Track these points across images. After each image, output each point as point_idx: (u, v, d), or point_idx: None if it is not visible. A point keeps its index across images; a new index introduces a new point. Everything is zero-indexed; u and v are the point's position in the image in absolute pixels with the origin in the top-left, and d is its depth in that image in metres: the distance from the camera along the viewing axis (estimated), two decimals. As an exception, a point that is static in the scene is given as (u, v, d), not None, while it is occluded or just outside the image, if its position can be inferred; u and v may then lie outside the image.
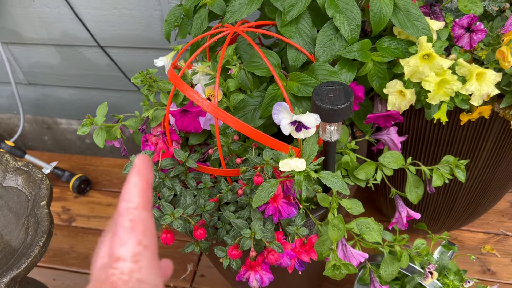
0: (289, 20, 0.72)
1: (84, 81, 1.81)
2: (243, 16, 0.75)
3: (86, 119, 0.83)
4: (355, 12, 0.70)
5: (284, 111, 0.60)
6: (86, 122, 0.82)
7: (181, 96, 0.83)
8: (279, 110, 0.61)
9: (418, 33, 0.71)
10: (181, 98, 0.83)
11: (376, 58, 0.72)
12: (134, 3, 1.48)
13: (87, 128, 0.82)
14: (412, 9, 0.71)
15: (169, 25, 0.93)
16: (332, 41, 0.72)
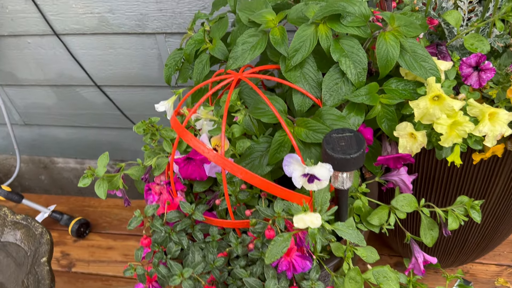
0: (294, 65, 0.70)
1: (80, 120, 1.79)
2: (246, 62, 0.73)
3: (87, 170, 0.81)
4: (361, 55, 0.69)
5: (295, 163, 0.58)
6: (87, 173, 0.79)
7: (184, 143, 0.81)
8: (290, 162, 0.58)
9: (426, 74, 0.69)
10: (184, 145, 0.81)
11: (384, 100, 0.70)
12: (130, 43, 1.47)
13: (88, 180, 0.79)
14: (419, 50, 0.69)
15: (169, 69, 0.92)
16: (338, 85, 0.70)
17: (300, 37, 0.70)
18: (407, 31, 0.69)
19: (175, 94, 0.92)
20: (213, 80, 0.75)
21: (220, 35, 0.85)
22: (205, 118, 0.79)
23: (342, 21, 0.69)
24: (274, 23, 0.73)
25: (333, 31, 0.69)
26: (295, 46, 0.70)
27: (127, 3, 1.36)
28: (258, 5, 0.78)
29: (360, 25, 0.68)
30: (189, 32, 0.92)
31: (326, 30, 0.69)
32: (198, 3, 1.32)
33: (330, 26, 0.69)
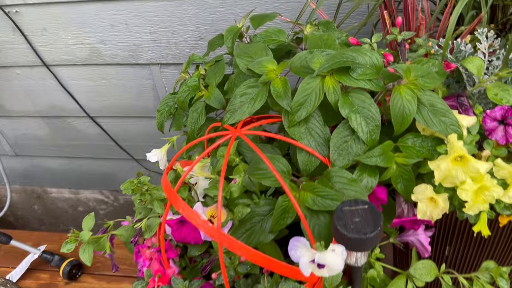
0: (298, 121, 0.63)
1: (74, 151, 1.71)
2: (245, 116, 0.66)
3: (70, 234, 0.73)
4: (373, 110, 0.62)
5: (302, 247, 0.50)
6: (71, 238, 0.72)
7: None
8: (296, 246, 0.51)
9: (446, 130, 0.62)
10: (178, 205, 0.73)
11: (400, 160, 0.63)
12: (123, 73, 1.40)
13: (72, 246, 0.72)
14: (438, 104, 0.62)
15: (162, 115, 0.84)
16: (348, 143, 0.63)
17: (304, 90, 0.63)
18: (424, 83, 0.62)
19: (168, 142, 0.85)
20: (208, 137, 0.67)
21: (216, 81, 0.77)
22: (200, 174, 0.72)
23: (352, 73, 0.61)
24: (275, 74, 0.66)
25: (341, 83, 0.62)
26: (299, 100, 0.63)
27: (119, 33, 1.29)
28: (258, 50, 0.71)
29: (372, 78, 0.61)
30: (183, 75, 0.85)
31: (333, 82, 0.62)
32: (194, 33, 1.25)
33: (337, 78, 0.62)
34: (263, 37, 0.78)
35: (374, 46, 0.75)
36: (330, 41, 0.68)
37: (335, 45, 0.68)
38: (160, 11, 1.22)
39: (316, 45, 0.69)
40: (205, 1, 1.18)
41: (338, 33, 0.78)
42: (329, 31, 0.76)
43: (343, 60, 0.61)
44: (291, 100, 0.64)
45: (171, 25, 1.25)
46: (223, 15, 1.20)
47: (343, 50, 0.62)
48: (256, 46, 0.72)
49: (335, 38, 0.69)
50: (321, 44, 0.69)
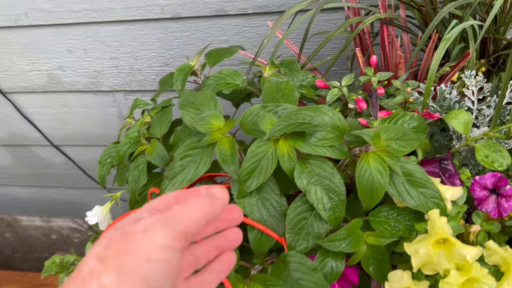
0: (247, 192, 0.51)
1: (41, 180, 1.60)
2: (186, 183, 0.55)
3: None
4: (337, 181, 0.51)
5: None
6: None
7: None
8: None
9: (426, 205, 0.51)
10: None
11: (371, 241, 0.52)
12: (86, 101, 1.29)
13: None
14: (416, 173, 0.51)
15: (103, 167, 0.73)
16: (307, 221, 0.52)
17: (254, 156, 0.51)
18: (398, 148, 0.51)
19: (110, 200, 0.73)
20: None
21: (162, 132, 0.66)
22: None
23: (309, 138, 0.50)
24: (222, 133, 0.55)
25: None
26: (249, 167, 0.52)
27: (78, 59, 1.18)
28: (205, 100, 0.60)
29: (334, 144, 0.50)
30: (129, 121, 0.74)
31: (288, 147, 0.51)
32: (158, 59, 1.14)
33: (293, 143, 0.50)
34: (216, 80, 0.67)
35: (344, 90, 0.64)
36: (288, 92, 0.57)
37: (293, 97, 0.57)
38: (120, 35, 1.11)
39: (271, 97, 0.57)
40: (168, 25, 1.07)
41: (303, 74, 0.67)
42: (292, 72, 0.65)
43: (299, 122, 0.50)
44: (238, 165, 0.53)
45: (133, 50, 1.13)
46: (189, 39, 1.09)
47: (299, 109, 0.51)
48: (203, 95, 0.60)
49: (294, 87, 0.58)
50: (278, 94, 0.57)
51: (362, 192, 0.49)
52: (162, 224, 0.30)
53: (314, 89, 0.67)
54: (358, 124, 0.59)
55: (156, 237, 0.29)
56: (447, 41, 0.55)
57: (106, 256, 0.28)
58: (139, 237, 0.29)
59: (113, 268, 0.27)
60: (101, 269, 0.27)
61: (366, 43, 0.72)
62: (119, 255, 0.28)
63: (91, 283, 0.27)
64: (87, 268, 0.28)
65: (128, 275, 0.27)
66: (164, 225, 0.30)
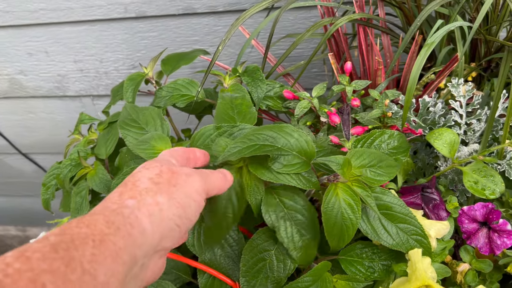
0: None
1: (11, 189, 1.52)
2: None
3: None
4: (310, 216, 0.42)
5: None
6: None
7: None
8: None
9: (407, 243, 0.43)
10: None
11: (341, 286, 0.44)
12: (53, 107, 1.21)
13: None
14: (395, 206, 0.43)
15: (47, 190, 0.65)
16: (266, 262, 0.44)
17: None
18: (374, 177, 0.43)
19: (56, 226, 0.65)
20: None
21: (107, 151, 0.58)
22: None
23: (272, 163, 0.42)
24: (166, 160, 0.46)
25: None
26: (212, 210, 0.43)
27: (39, 63, 1.09)
28: (150, 118, 0.52)
29: (300, 171, 0.42)
30: (76, 136, 0.66)
31: (252, 179, 0.43)
32: (126, 61, 1.05)
33: (253, 171, 0.42)
34: (170, 91, 0.59)
35: (315, 102, 0.56)
36: (244, 108, 0.49)
37: (251, 114, 0.49)
38: (82, 36, 1.02)
39: (225, 115, 0.49)
40: (133, 24, 0.98)
41: (269, 84, 0.59)
42: (255, 82, 0.56)
43: (260, 144, 0.41)
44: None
45: (98, 52, 1.05)
46: (157, 40, 1.00)
47: (259, 129, 0.43)
48: (148, 112, 0.52)
49: (250, 103, 0.49)
50: (233, 112, 0.49)
51: (329, 231, 0.41)
52: (200, 176, 0.37)
53: (282, 100, 0.59)
54: (330, 142, 0.51)
55: (196, 183, 0.37)
56: (429, 47, 0.47)
57: (160, 182, 0.35)
58: (184, 178, 0.36)
59: (165, 192, 0.34)
60: (156, 189, 0.34)
61: (342, 46, 0.64)
62: (169, 184, 0.35)
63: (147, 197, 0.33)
64: (143, 186, 0.34)
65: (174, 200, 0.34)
66: (201, 178, 0.37)
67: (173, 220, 0.34)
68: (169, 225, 0.33)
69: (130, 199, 0.33)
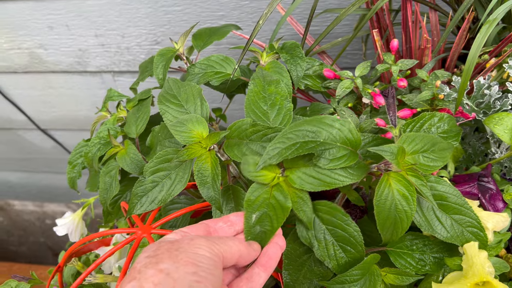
0: None
1: (30, 165, 1.51)
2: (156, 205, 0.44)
3: None
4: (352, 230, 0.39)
5: None
6: None
7: (79, 311, 0.52)
8: None
9: (462, 236, 0.40)
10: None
11: (390, 279, 0.41)
12: (73, 82, 1.18)
13: None
14: (451, 196, 0.40)
15: (73, 169, 0.63)
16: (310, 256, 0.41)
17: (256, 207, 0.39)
18: (427, 163, 0.39)
19: (82, 207, 0.63)
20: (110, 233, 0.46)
21: (138, 130, 0.55)
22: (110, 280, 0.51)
23: (317, 161, 0.39)
24: (203, 147, 0.44)
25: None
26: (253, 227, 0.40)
27: (60, 37, 1.07)
28: (191, 96, 0.48)
29: (349, 164, 0.39)
30: (104, 113, 0.63)
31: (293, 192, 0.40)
32: (148, 37, 1.02)
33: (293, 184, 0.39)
34: (203, 68, 0.56)
35: (358, 82, 0.53)
36: (279, 99, 0.45)
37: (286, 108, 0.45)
38: (105, 10, 0.99)
39: (257, 107, 0.45)
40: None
41: (309, 62, 0.56)
42: (294, 60, 0.53)
43: (301, 142, 0.38)
44: (219, 192, 0.42)
45: (120, 27, 1.01)
46: (181, 15, 0.96)
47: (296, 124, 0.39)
48: (190, 89, 0.49)
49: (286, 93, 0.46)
50: (265, 104, 0.46)
51: (382, 224, 0.38)
52: (205, 238, 0.34)
53: (321, 79, 0.55)
54: (375, 125, 0.48)
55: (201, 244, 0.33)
56: (491, 24, 0.43)
57: (158, 253, 0.32)
58: (187, 242, 0.33)
59: (167, 258, 0.31)
60: (156, 260, 0.31)
61: (385, 22, 0.60)
62: (171, 251, 0.32)
63: (147, 270, 0.31)
64: (141, 264, 0.31)
65: (181, 261, 0.31)
66: (207, 240, 0.34)
67: (188, 278, 0.30)
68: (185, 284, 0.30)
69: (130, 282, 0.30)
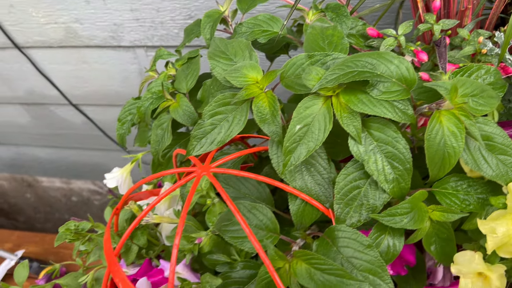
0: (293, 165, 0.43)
1: (60, 141, 1.56)
2: (215, 146, 0.47)
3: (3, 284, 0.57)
4: (401, 147, 0.42)
5: None
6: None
7: (133, 252, 0.55)
8: None
9: (506, 175, 0.42)
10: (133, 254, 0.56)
11: (436, 216, 0.44)
12: (106, 57, 1.22)
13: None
14: (497, 136, 0.42)
15: (123, 126, 0.66)
16: (360, 190, 0.44)
17: (302, 119, 0.43)
18: (476, 106, 0.42)
19: (131, 162, 0.67)
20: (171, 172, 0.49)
21: (188, 86, 0.58)
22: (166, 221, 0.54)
23: (371, 90, 0.41)
24: (259, 87, 0.46)
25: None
26: (295, 133, 0.43)
27: (96, 11, 1.10)
28: (239, 49, 0.51)
29: (400, 98, 0.41)
30: (151, 74, 0.66)
31: (344, 108, 0.42)
32: (182, 11, 1.05)
33: (346, 102, 0.42)
34: (250, 27, 0.58)
35: (401, 39, 0.55)
36: (336, 39, 0.48)
37: (342, 45, 0.48)
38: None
39: (315, 45, 0.48)
40: (193, -29, 0.97)
41: (353, 21, 0.58)
42: (339, 18, 0.55)
43: (358, 71, 0.41)
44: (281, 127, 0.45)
45: (155, 1, 1.04)
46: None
47: (356, 56, 0.42)
48: (237, 43, 0.52)
49: (343, 33, 0.48)
50: (324, 43, 0.49)
51: (431, 158, 0.41)
52: None
53: (364, 38, 0.58)
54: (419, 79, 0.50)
55: None
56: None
57: None
58: None
59: None
60: None
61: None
62: None
63: None
64: None
65: None
66: None
67: None
68: None
69: None
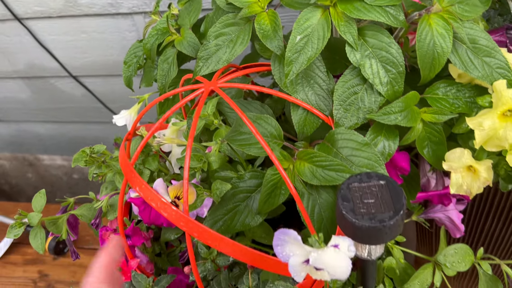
0: (295, 74, 0.47)
1: (61, 115, 1.58)
2: (221, 64, 0.50)
3: (17, 216, 0.60)
4: (394, 51, 0.46)
5: (292, 243, 0.36)
6: (17, 222, 0.58)
7: (145, 175, 0.59)
8: (284, 241, 0.36)
9: (492, 75, 0.46)
10: (146, 178, 0.59)
11: (427, 117, 0.47)
12: (104, 26, 1.24)
13: (19, 231, 0.59)
14: (482, 39, 0.45)
15: (129, 68, 0.69)
16: (358, 95, 0.47)
17: (303, 30, 0.46)
18: (462, 12, 0.45)
19: (138, 102, 0.70)
20: (180, 91, 0.52)
21: (191, 22, 0.61)
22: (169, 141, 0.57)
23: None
24: (260, 6, 0.50)
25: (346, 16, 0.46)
26: (296, 45, 0.46)
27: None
28: (239, -23, 0.54)
29: (390, 4, 0.45)
30: (154, 17, 0.69)
31: (341, 17, 0.46)
32: (179, -26, 1.07)
33: (342, 9, 0.45)
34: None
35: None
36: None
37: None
38: None
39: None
40: None
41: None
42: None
43: None
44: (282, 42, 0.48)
45: (153, -35, 1.07)
46: (211, -50, 1.01)
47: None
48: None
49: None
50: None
51: (422, 59, 0.44)
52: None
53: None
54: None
55: None
56: None
57: None
58: None
59: None
60: None
61: None
62: None
63: None
64: None
65: None
66: None
67: None
68: None
69: None
